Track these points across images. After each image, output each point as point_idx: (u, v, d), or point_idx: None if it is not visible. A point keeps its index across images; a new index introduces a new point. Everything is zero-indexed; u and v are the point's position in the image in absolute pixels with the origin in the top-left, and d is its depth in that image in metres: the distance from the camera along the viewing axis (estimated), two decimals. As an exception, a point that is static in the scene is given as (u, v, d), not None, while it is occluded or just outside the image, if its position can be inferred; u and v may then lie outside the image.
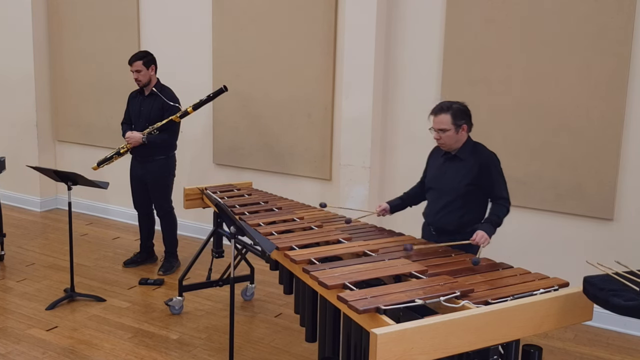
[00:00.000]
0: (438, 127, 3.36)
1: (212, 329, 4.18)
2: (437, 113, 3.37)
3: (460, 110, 3.36)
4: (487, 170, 3.38)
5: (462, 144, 3.42)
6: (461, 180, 3.39)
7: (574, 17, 4.16)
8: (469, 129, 3.42)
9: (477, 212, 3.44)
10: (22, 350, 3.85)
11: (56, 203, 6.89)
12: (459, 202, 3.40)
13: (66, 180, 4.47)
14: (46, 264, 5.25)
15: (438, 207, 3.49)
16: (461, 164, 3.42)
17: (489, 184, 3.39)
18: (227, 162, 5.74)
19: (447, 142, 3.39)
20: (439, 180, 3.51)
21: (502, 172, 3.44)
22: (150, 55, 4.95)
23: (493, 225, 3.31)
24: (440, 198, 3.48)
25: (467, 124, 3.39)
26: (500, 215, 3.35)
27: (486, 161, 3.40)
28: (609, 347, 4.07)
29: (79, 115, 6.55)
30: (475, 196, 3.41)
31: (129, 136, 4.90)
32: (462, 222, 3.41)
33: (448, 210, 3.44)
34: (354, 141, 4.87)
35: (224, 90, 4.87)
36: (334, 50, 5.06)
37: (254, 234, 3.18)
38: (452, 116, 3.33)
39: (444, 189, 3.46)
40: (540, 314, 2.44)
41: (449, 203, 3.43)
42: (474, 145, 3.46)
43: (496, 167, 3.42)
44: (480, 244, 3.20)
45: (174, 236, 5.21)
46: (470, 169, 3.38)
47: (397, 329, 2.15)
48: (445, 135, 3.35)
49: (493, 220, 3.33)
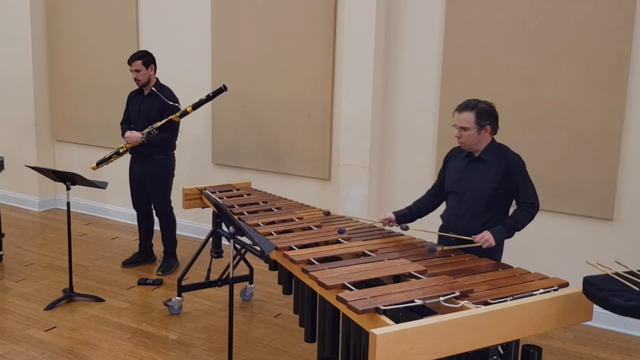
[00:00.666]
0: (460, 124, 3.22)
1: (211, 329, 4.17)
2: (462, 110, 3.24)
3: (485, 111, 3.22)
4: (512, 172, 3.22)
5: (486, 146, 3.27)
6: (487, 183, 3.24)
7: (574, 16, 4.15)
8: (493, 131, 3.27)
9: (503, 217, 3.27)
10: (21, 350, 3.83)
11: (55, 203, 6.88)
12: (484, 206, 3.25)
13: (65, 180, 4.45)
14: (45, 264, 5.24)
15: (460, 211, 3.32)
16: (485, 167, 3.26)
17: (514, 187, 3.23)
18: (226, 162, 5.73)
19: (468, 142, 3.25)
20: (462, 184, 3.33)
21: (528, 175, 3.26)
22: (149, 55, 4.94)
23: (506, 229, 3.17)
24: (462, 202, 3.32)
25: (491, 125, 3.24)
26: (518, 220, 3.20)
27: (511, 162, 3.23)
28: (609, 347, 4.06)
29: (78, 115, 6.54)
30: (501, 200, 3.27)
31: (129, 136, 4.89)
32: (486, 227, 3.20)
33: (471, 215, 3.27)
34: (353, 141, 4.86)
35: (224, 89, 4.86)
36: (333, 50, 5.05)
37: (253, 234, 3.17)
38: (476, 115, 3.20)
39: (467, 192, 3.30)
40: (539, 314, 2.44)
41: (472, 207, 3.27)
42: (498, 147, 3.30)
43: (521, 169, 3.25)
44: (480, 244, 3.10)
45: (173, 236, 5.20)
46: (495, 171, 3.23)
47: (397, 329, 2.14)
48: (467, 134, 3.22)
49: (508, 223, 3.18)
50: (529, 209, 3.23)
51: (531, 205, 3.24)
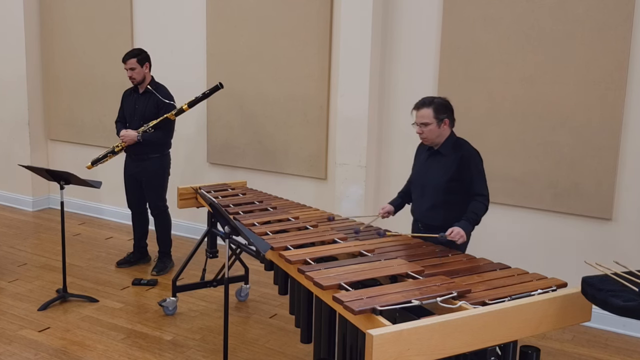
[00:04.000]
0: (420, 121, 3.40)
1: (206, 329, 4.15)
2: (420, 107, 3.42)
3: (442, 105, 3.41)
4: (467, 165, 3.39)
5: (445, 140, 3.44)
6: (442, 176, 3.42)
7: (573, 14, 4.13)
8: (451, 124, 3.45)
9: (462, 208, 3.40)
10: (14, 351, 3.81)
11: (48, 202, 6.84)
12: (442, 197, 3.42)
13: (59, 179, 4.43)
14: (38, 264, 5.21)
15: (423, 203, 3.52)
16: (442, 160, 3.44)
17: (468, 179, 3.39)
18: (221, 161, 5.70)
19: (429, 137, 3.42)
20: (422, 177, 3.55)
21: (483, 170, 3.44)
22: (144, 53, 4.92)
23: (471, 223, 3.31)
24: (424, 194, 3.52)
25: (449, 118, 3.42)
26: (478, 213, 3.34)
27: (466, 155, 3.40)
28: (608, 348, 4.05)
29: (72, 114, 6.50)
30: (458, 192, 3.41)
31: (124, 134, 4.87)
32: (448, 218, 3.38)
33: (432, 207, 3.46)
34: (349, 140, 4.84)
35: (220, 87, 4.84)
36: (329, 48, 5.03)
37: (248, 234, 3.16)
38: (434, 110, 3.37)
39: (427, 185, 3.49)
40: (538, 314, 2.42)
41: (432, 199, 3.46)
42: (457, 140, 3.48)
43: (476, 164, 3.42)
44: (455, 240, 3.20)
45: (168, 236, 5.18)
46: (451, 164, 3.40)
47: (393, 330, 2.13)
48: (427, 129, 3.39)
49: (471, 217, 3.32)
50: (483, 200, 3.39)
51: (485, 198, 3.40)
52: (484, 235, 4.52)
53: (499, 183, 4.44)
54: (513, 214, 4.47)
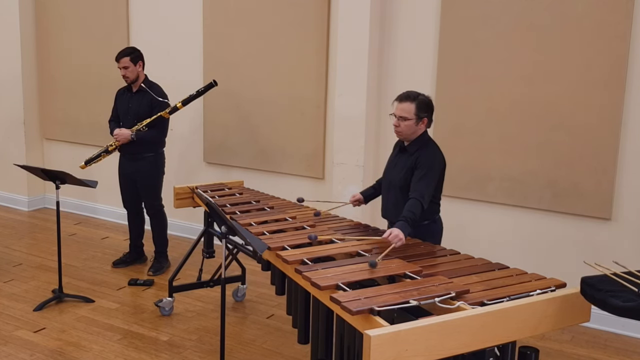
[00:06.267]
0: (400, 114, 3.33)
1: (203, 330, 4.13)
2: (403, 100, 3.35)
3: (425, 103, 3.35)
4: (419, 165, 3.30)
5: (416, 138, 3.38)
6: (399, 173, 3.40)
7: (572, 13, 4.12)
8: (428, 124, 3.40)
9: None
10: (9, 352, 3.79)
11: (44, 202, 6.81)
12: (400, 194, 3.38)
13: (54, 179, 4.41)
14: (34, 265, 5.18)
15: (388, 199, 3.51)
16: (405, 157, 3.41)
17: (415, 178, 3.30)
18: (217, 161, 5.68)
19: (404, 132, 3.36)
20: (389, 172, 3.52)
21: (434, 176, 3.32)
22: (137, 52, 4.90)
23: (409, 224, 3.14)
24: (388, 190, 3.51)
25: (428, 118, 3.37)
26: (415, 212, 3.19)
27: (423, 156, 3.32)
28: (607, 349, 4.04)
29: (67, 113, 6.47)
30: None
31: (118, 133, 4.84)
32: None
33: (395, 204, 3.42)
34: (347, 139, 4.82)
35: (214, 84, 4.83)
36: (327, 47, 5.01)
37: (245, 234, 3.15)
38: (416, 106, 3.32)
39: (391, 181, 3.47)
40: (537, 315, 2.41)
41: (393, 195, 3.44)
42: (426, 141, 3.41)
43: (428, 166, 3.30)
44: (393, 242, 3.02)
45: (164, 235, 5.16)
46: (410, 163, 3.36)
47: (391, 330, 2.12)
48: (405, 124, 3.32)
49: (409, 217, 3.16)
50: (420, 199, 3.23)
51: (422, 196, 3.24)
52: (483, 235, 4.52)
53: (497, 183, 4.43)
54: (512, 213, 4.46)
